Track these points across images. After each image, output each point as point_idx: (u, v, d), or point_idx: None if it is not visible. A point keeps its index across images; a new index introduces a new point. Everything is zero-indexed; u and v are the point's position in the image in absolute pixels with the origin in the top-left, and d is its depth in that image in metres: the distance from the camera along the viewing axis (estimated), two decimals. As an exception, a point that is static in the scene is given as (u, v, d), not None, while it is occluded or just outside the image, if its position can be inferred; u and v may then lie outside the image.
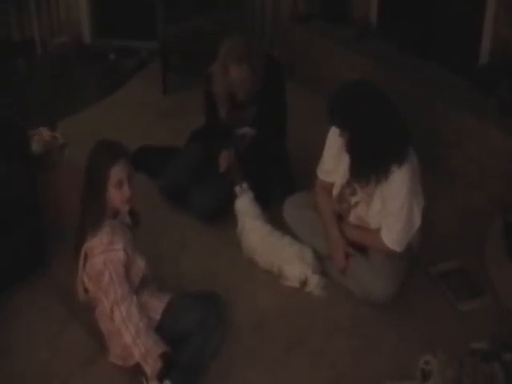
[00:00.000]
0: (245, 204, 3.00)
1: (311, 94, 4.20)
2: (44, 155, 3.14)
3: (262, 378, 2.43)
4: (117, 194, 2.27)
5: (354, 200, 2.69)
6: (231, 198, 3.06)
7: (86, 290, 2.40)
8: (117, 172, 2.25)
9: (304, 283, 2.80)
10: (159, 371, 2.22)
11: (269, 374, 2.45)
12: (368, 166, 2.49)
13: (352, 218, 2.74)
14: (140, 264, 2.38)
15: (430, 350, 2.39)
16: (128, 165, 2.29)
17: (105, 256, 2.24)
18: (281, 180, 3.29)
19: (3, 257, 2.70)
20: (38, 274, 2.85)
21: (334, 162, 2.71)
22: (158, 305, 2.42)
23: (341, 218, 2.79)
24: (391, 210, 2.53)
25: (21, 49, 5.00)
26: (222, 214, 3.15)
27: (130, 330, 2.23)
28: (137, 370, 2.31)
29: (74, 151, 3.18)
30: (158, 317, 2.40)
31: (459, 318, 2.69)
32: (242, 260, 2.98)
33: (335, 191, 2.75)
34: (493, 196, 3.25)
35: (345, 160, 2.61)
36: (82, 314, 2.59)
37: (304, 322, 2.67)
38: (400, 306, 2.68)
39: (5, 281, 2.73)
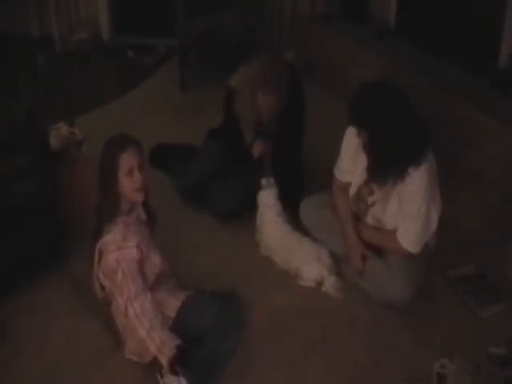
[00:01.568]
0: (269, 198, 2.97)
1: (328, 94, 4.18)
2: (62, 151, 3.16)
3: (277, 378, 2.43)
4: (128, 182, 2.26)
5: (371, 200, 2.67)
6: (250, 199, 3.05)
7: (103, 287, 2.41)
8: (126, 159, 2.25)
9: (320, 284, 2.79)
10: (175, 361, 2.22)
11: (284, 374, 2.44)
12: (385, 167, 2.47)
13: (369, 218, 2.72)
14: (155, 261, 2.38)
15: (446, 353, 2.39)
16: (138, 153, 2.29)
17: (118, 253, 2.24)
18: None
19: (21, 251, 2.72)
20: (56, 268, 2.85)
21: (351, 162, 2.70)
22: (174, 303, 2.41)
23: (357, 219, 2.77)
24: (408, 211, 2.51)
25: (39, 45, 5.01)
26: (240, 214, 3.15)
27: (145, 324, 2.22)
28: (153, 366, 2.31)
29: (91, 148, 3.16)
30: (173, 315, 2.39)
31: (477, 322, 2.67)
32: (259, 258, 2.97)
33: (352, 191, 2.74)
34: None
35: (362, 160, 2.59)
36: (98, 308, 2.60)
37: (320, 323, 2.66)
38: (417, 309, 2.66)
39: (22, 274, 2.75)
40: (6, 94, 3.84)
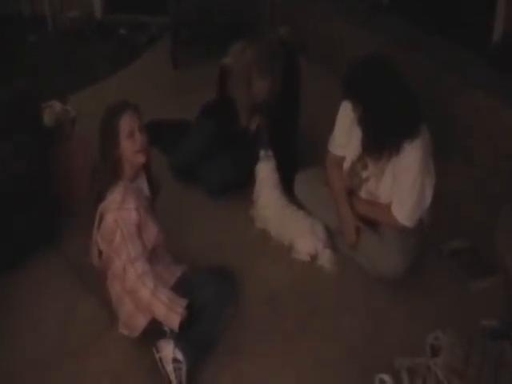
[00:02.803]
0: (266, 170, 2.96)
1: (321, 70, 4.14)
2: (55, 128, 3.12)
3: (271, 351, 2.42)
4: (129, 144, 2.25)
5: (365, 174, 2.65)
6: (242, 175, 3.05)
7: (100, 253, 2.37)
8: (126, 122, 2.24)
9: (315, 257, 2.79)
10: (185, 319, 2.21)
11: (278, 348, 2.44)
12: (380, 140, 2.45)
13: (363, 192, 2.70)
14: (153, 231, 2.34)
15: (440, 326, 2.36)
16: (137, 116, 2.28)
17: (116, 214, 2.21)
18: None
19: (15, 230, 2.70)
20: (50, 246, 2.83)
21: (345, 136, 2.67)
22: (169, 278, 2.39)
23: (351, 193, 2.75)
24: (403, 185, 2.49)
25: (31, 24, 4.94)
26: (233, 190, 3.13)
27: (148, 284, 2.19)
28: (148, 341, 2.29)
29: (84, 125, 3.15)
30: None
31: (469, 295, 2.67)
32: (254, 234, 2.97)
33: (346, 165, 2.72)
34: (505, 175, 3.18)
35: (356, 134, 2.57)
36: (94, 287, 2.59)
37: (315, 297, 2.66)
38: (411, 283, 2.65)
39: (17, 254, 2.72)
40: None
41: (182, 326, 2.21)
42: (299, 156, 3.22)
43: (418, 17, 3.91)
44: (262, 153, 2.98)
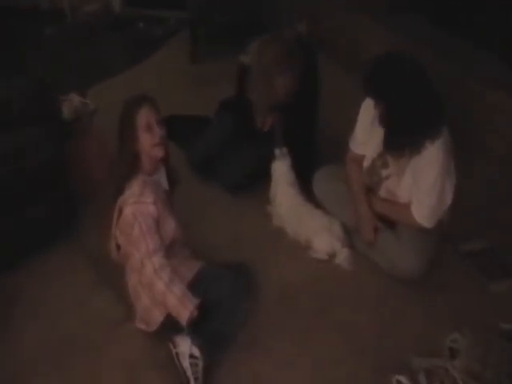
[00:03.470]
0: (282, 168, 2.95)
1: (339, 67, 4.11)
2: (74, 121, 3.12)
3: (287, 348, 2.41)
4: (147, 138, 2.25)
5: (385, 173, 2.62)
6: (260, 171, 3.02)
7: (119, 247, 2.36)
8: (143, 115, 2.23)
9: (332, 256, 2.77)
10: (195, 317, 2.20)
11: (294, 345, 2.42)
12: (402, 138, 2.41)
13: (382, 191, 2.67)
14: (171, 225, 2.34)
15: (457, 328, 2.35)
16: (155, 110, 2.27)
17: (135, 207, 2.20)
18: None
19: (33, 221, 2.70)
20: (67, 238, 2.83)
21: (366, 134, 2.64)
22: (186, 273, 2.37)
23: (370, 191, 2.72)
24: (423, 185, 2.46)
25: (49, 17, 4.93)
26: (250, 186, 3.12)
27: (164, 278, 2.18)
28: (164, 336, 2.28)
29: (102, 118, 3.16)
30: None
31: (488, 297, 2.63)
32: (271, 230, 2.95)
33: (366, 163, 2.68)
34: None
35: (377, 132, 2.53)
36: (111, 279, 2.58)
37: (331, 295, 2.63)
38: (428, 283, 2.63)
39: (34, 245, 2.73)
40: (13, 68, 3.79)
41: (190, 323, 2.20)
42: (318, 153, 3.19)
43: (438, 15, 3.86)
44: (277, 151, 2.96)
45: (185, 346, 2.18)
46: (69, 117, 3.10)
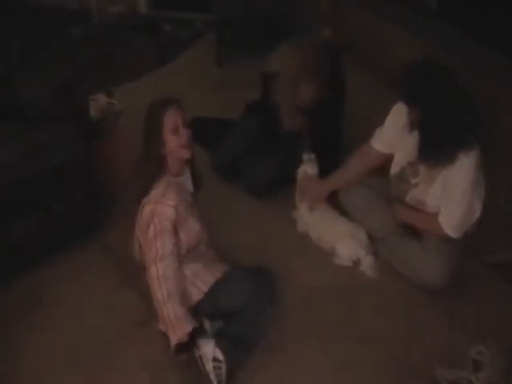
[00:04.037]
0: (309, 173, 2.92)
1: (364, 73, 4.08)
2: (100, 121, 3.13)
3: (310, 352, 2.39)
4: (174, 140, 2.24)
5: (414, 181, 2.59)
6: (284, 174, 3.02)
7: (141, 247, 2.35)
8: (170, 117, 2.23)
9: (357, 263, 2.75)
10: (183, 344, 2.17)
11: (317, 350, 2.40)
12: (438, 148, 2.37)
13: (409, 198, 2.65)
14: (195, 228, 2.32)
15: (481, 339, 2.32)
16: (181, 111, 2.27)
17: (154, 206, 2.20)
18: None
19: (57, 219, 2.71)
20: (91, 237, 2.84)
21: (395, 136, 2.60)
22: (208, 278, 2.37)
23: (394, 198, 2.70)
24: (453, 195, 2.43)
25: (76, 17, 4.94)
26: (275, 189, 3.11)
27: (163, 290, 2.17)
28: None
29: (128, 118, 3.16)
30: (205, 289, 2.34)
31: (513, 309, 2.59)
32: (295, 234, 2.94)
33: (394, 170, 2.66)
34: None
35: (409, 140, 2.50)
36: (134, 277, 2.56)
37: (354, 302, 2.61)
38: (453, 293, 2.60)
39: (58, 244, 2.73)
40: (40, 67, 3.80)
41: (179, 348, 2.18)
42: (340, 158, 3.13)
43: (466, 24, 3.79)
44: (305, 156, 2.94)
45: (208, 349, 2.17)
46: (95, 117, 3.12)
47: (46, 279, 2.65)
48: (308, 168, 2.92)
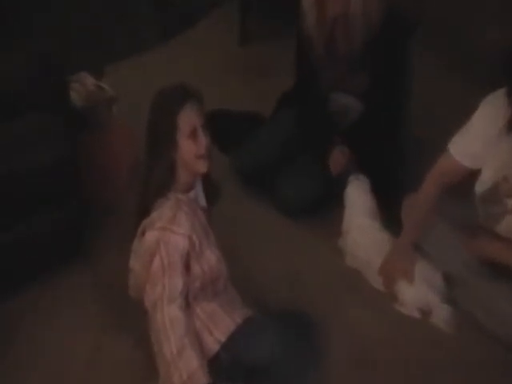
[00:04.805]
0: (358, 194, 2.95)
1: (440, 60, 4.13)
2: (86, 111, 3.15)
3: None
4: (191, 147, 2.21)
5: (511, 203, 2.56)
6: (331, 189, 3.05)
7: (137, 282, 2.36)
8: (187, 117, 2.20)
9: (427, 314, 2.73)
10: None
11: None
12: None
13: (503, 227, 2.61)
14: (211, 261, 2.30)
15: None
16: (201, 109, 2.25)
17: (161, 234, 2.17)
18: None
19: (36, 237, 2.73)
20: (77, 261, 2.86)
21: (485, 143, 2.55)
22: (226, 324, 2.34)
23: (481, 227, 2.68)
24: None
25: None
26: (317, 209, 3.12)
27: (171, 344, 2.15)
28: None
29: (125, 107, 3.21)
30: (223, 339, 2.32)
31: None
32: (342, 270, 2.95)
33: (482, 188, 2.61)
34: None
35: (504, 146, 2.47)
36: (129, 317, 2.59)
37: (415, 360, 2.60)
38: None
39: (36, 268, 2.77)
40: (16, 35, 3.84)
41: None
42: (406, 169, 3.16)
43: None
44: (351, 178, 2.99)
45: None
46: (79, 104, 3.13)
47: (22, 313, 2.68)
48: (355, 189, 2.96)
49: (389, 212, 2.97)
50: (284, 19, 3.41)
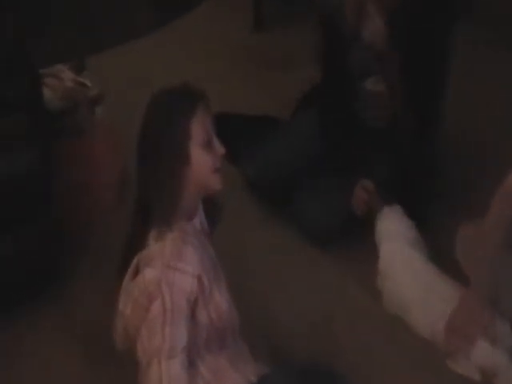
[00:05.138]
0: (393, 224, 2.89)
1: (488, 39, 4.13)
2: (64, 112, 3.12)
3: None
4: (207, 159, 2.14)
5: None
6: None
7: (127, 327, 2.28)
8: (201, 123, 2.12)
9: (490, 376, 2.56)
10: None
11: None
12: None
13: None
14: (221, 307, 2.18)
15: None
16: (211, 113, 2.19)
17: (163, 274, 2.05)
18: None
19: (2, 265, 2.72)
20: (51, 296, 2.83)
21: None
22: (238, 382, 2.23)
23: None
24: None
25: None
26: (350, 236, 3.07)
27: None
28: None
29: (112, 107, 3.21)
30: (234, 401, 2.30)
31: None
32: (380, 317, 2.84)
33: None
34: None
35: None
36: (114, 369, 2.54)
37: None
38: None
39: (5, 301, 2.75)
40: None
41: None
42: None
43: None
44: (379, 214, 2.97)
45: None
46: (55, 104, 3.09)
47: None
48: (387, 218, 2.91)
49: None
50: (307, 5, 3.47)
